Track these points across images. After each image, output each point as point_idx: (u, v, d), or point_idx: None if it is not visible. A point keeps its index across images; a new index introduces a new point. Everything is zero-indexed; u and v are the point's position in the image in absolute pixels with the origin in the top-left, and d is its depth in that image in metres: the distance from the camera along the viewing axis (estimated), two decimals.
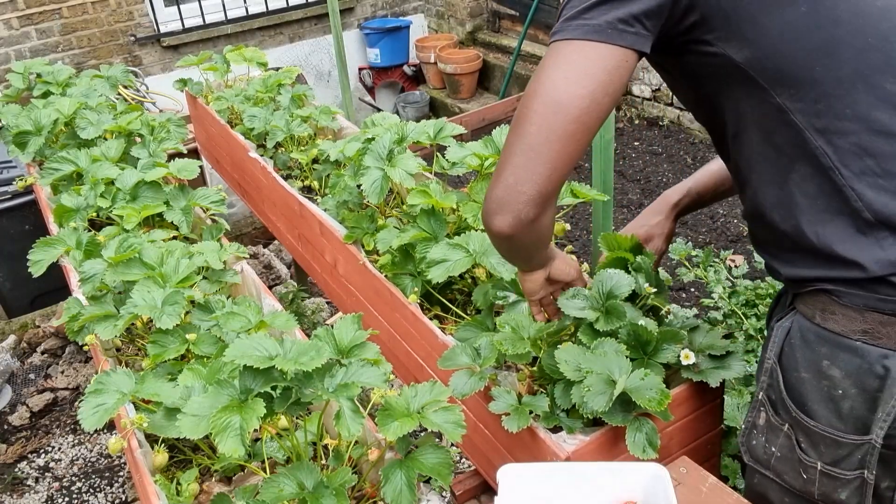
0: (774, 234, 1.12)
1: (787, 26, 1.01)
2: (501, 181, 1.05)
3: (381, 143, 1.87)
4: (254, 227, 4.43)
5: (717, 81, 1.09)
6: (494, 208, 1.07)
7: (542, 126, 1.02)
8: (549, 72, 1.03)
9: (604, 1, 1.01)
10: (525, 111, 1.04)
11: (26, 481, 2.88)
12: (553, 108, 1.01)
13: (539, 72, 1.05)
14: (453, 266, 1.57)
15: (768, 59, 1.02)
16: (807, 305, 1.12)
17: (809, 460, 1.13)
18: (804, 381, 1.12)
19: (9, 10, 4.83)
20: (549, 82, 1.02)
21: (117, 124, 2.44)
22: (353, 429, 1.15)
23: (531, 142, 1.02)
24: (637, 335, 1.41)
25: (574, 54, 1.02)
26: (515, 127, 1.05)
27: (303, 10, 5.83)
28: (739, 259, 3.16)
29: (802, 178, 1.05)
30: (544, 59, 1.05)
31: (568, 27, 1.03)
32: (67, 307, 1.72)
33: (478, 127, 4.84)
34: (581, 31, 1.01)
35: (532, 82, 1.05)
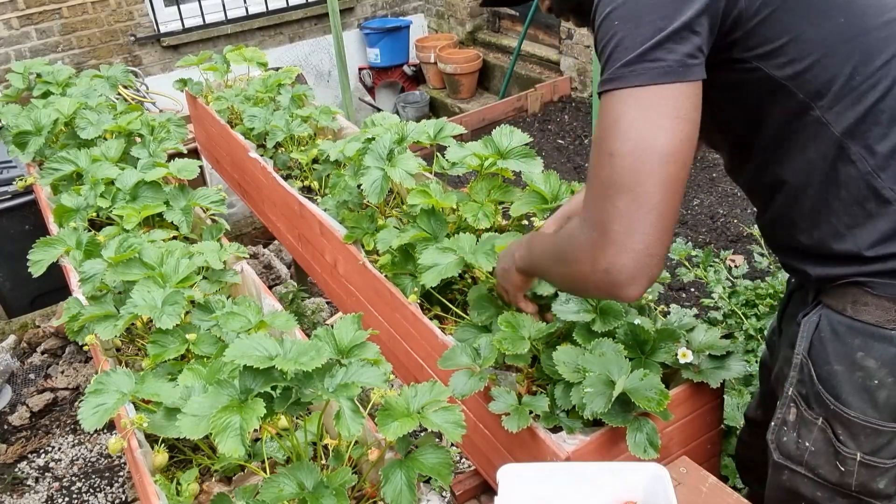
0: (807, 239, 1.13)
1: (827, 39, 1.01)
2: (629, 250, 0.98)
3: (381, 142, 1.87)
4: (254, 227, 4.43)
5: (752, 97, 1.08)
6: (626, 279, 0.99)
7: (659, 182, 0.96)
8: (639, 125, 0.96)
9: (666, 39, 0.96)
10: (632, 172, 0.96)
11: (26, 481, 2.88)
12: (664, 160, 0.96)
13: (618, 127, 0.97)
14: (444, 269, 1.59)
15: (810, 73, 1.02)
16: (835, 299, 1.13)
17: (848, 451, 1.14)
18: (837, 374, 1.13)
19: (9, 10, 4.83)
20: (647, 136, 0.96)
21: (117, 124, 2.44)
22: (353, 429, 1.15)
23: (652, 202, 0.96)
24: (634, 334, 1.42)
25: (658, 100, 0.96)
26: (623, 191, 0.97)
27: (303, 10, 5.83)
28: (739, 259, 3.17)
29: (840, 185, 1.06)
30: (613, 111, 0.98)
31: (633, 73, 0.96)
32: (67, 307, 1.72)
33: (478, 127, 4.85)
34: (652, 74, 0.96)
35: (616, 140, 0.97)
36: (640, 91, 0.96)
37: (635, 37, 0.96)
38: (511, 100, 5.15)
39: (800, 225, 1.13)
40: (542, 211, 1.71)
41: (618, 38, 0.98)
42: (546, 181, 1.72)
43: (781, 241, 1.22)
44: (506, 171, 1.81)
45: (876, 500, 1.16)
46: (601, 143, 1.00)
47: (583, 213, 1.05)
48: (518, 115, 5.12)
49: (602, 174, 0.99)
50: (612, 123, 0.98)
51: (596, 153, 1.02)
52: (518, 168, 1.76)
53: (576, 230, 1.07)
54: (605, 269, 1.00)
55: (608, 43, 0.99)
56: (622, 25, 0.98)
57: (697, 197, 3.95)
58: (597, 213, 1.00)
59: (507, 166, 1.78)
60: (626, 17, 0.98)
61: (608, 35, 0.99)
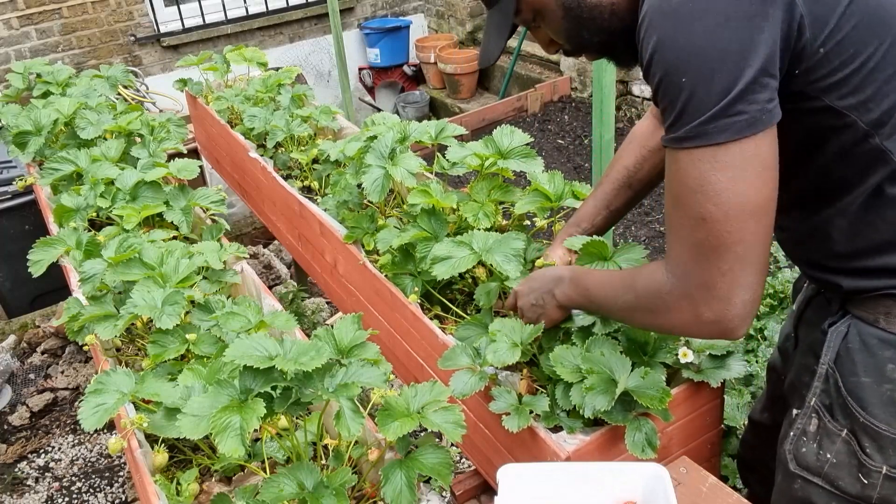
0: (843, 254, 1.13)
1: (892, 65, 0.99)
2: (737, 303, 1.01)
3: (383, 141, 1.87)
4: (254, 227, 4.43)
5: (809, 128, 1.06)
6: (737, 326, 1.03)
7: (756, 239, 0.98)
8: (729, 186, 0.95)
9: (745, 90, 0.92)
10: (730, 234, 0.97)
11: (26, 481, 2.88)
12: (758, 216, 0.97)
13: (706, 190, 0.97)
14: (458, 263, 1.55)
15: (872, 101, 1.00)
16: (866, 310, 1.12)
17: (874, 465, 1.12)
18: (864, 386, 1.11)
19: (9, 10, 4.83)
20: (740, 197, 0.96)
21: (117, 124, 2.44)
22: (353, 429, 1.14)
23: (753, 257, 0.99)
24: (634, 336, 1.41)
25: (745, 156, 0.94)
26: (723, 252, 0.99)
27: (303, 10, 5.83)
28: None
29: (886, 204, 1.06)
30: (696, 170, 0.97)
31: (714, 129, 0.94)
32: (67, 307, 1.72)
33: (478, 127, 4.84)
34: (735, 129, 0.93)
35: (708, 204, 0.97)
36: (724, 149, 0.94)
37: (710, 91, 0.93)
38: (511, 100, 5.15)
39: (837, 241, 1.12)
40: (544, 210, 1.71)
41: (688, 92, 0.94)
42: (551, 181, 1.72)
43: (810, 256, 1.21)
44: (506, 171, 1.81)
45: None
46: (687, 206, 1.00)
47: (676, 268, 1.06)
48: (518, 115, 5.12)
49: (697, 237, 1.00)
50: (698, 186, 0.97)
51: (683, 215, 1.01)
52: (518, 168, 1.76)
53: (665, 284, 1.08)
54: (713, 320, 1.03)
55: (677, 97, 0.95)
56: (693, 79, 0.94)
57: None
58: (697, 272, 1.02)
59: (507, 166, 1.78)
60: (696, 70, 0.93)
61: (675, 89, 0.95)
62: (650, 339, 1.42)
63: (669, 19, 0.95)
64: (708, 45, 0.92)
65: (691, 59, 0.93)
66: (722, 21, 0.92)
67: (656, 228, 3.74)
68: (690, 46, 0.93)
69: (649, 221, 3.81)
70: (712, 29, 0.92)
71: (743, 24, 0.92)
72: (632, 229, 3.75)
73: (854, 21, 0.96)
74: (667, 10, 0.95)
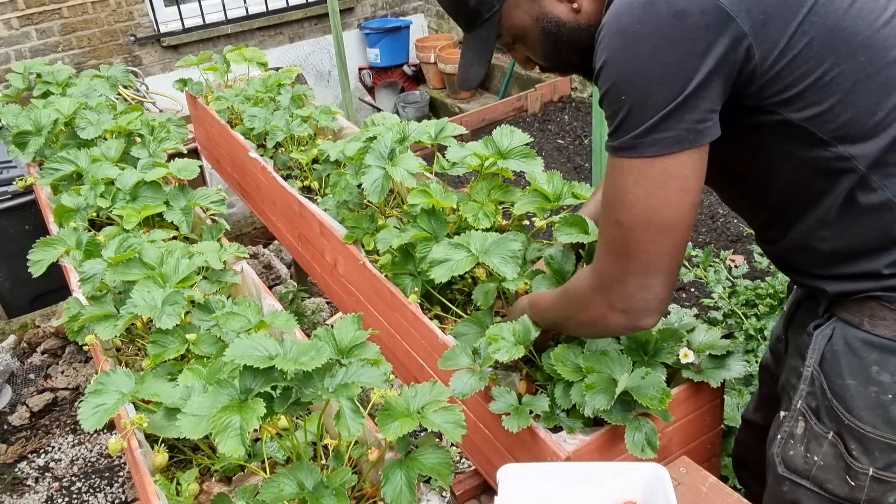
0: (825, 262, 1.14)
1: (848, 80, 1.00)
2: (642, 297, 1.09)
3: (382, 141, 1.87)
4: (254, 227, 4.43)
5: (769, 140, 1.08)
6: (645, 317, 1.12)
7: (664, 251, 1.06)
8: (646, 200, 1.02)
9: (677, 108, 0.98)
10: (639, 243, 1.06)
11: (26, 481, 2.88)
12: (668, 231, 1.04)
13: (625, 199, 1.04)
14: (456, 266, 1.56)
15: (830, 113, 1.02)
16: (851, 313, 1.13)
17: (860, 466, 1.12)
18: (849, 388, 1.12)
19: (9, 10, 4.83)
20: (653, 212, 1.03)
21: (117, 124, 2.44)
22: (353, 429, 1.15)
23: (659, 266, 1.07)
24: (635, 336, 1.41)
25: (666, 173, 1.01)
26: (633, 257, 1.07)
27: (303, 10, 5.83)
28: (739, 259, 3.17)
29: (861, 212, 1.07)
30: (622, 179, 1.04)
31: (643, 144, 1.00)
32: (67, 307, 1.72)
33: (478, 127, 4.84)
34: (662, 144, 0.99)
35: (625, 212, 1.05)
36: (649, 164, 1.01)
37: (646, 108, 0.98)
38: (511, 100, 5.15)
39: (818, 249, 1.14)
40: (543, 210, 1.71)
41: (627, 107, 1.00)
42: (549, 181, 1.72)
43: (795, 265, 1.22)
44: (506, 171, 1.81)
45: None
46: (610, 208, 1.08)
47: (595, 265, 1.16)
48: (518, 115, 5.12)
49: (612, 238, 1.09)
50: (620, 193, 1.05)
51: (605, 214, 1.10)
52: (518, 168, 1.76)
53: (586, 280, 1.19)
54: (622, 310, 1.13)
55: (618, 111, 1.01)
56: (632, 95, 0.99)
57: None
58: (610, 269, 1.12)
59: (507, 166, 1.78)
60: (636, 87, 0.99)
61: (616, 103, 1.01)
62: (651, 338, 1.42)
63: (619, 38, 1.00)
64: (648, 67, 0.98)
65: (632, 78, 0.99)
66: (665, 45, 0.97)
67: None
68: (633, 66, 0.99)
69: None
70: (654, 52, 0.97)
71: (684, 50, 0.96)
72: None
73: (807, 39, 0.99)
74: (618, 28, 1.00)
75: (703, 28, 0.96)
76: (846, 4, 1.01)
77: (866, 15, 1.01)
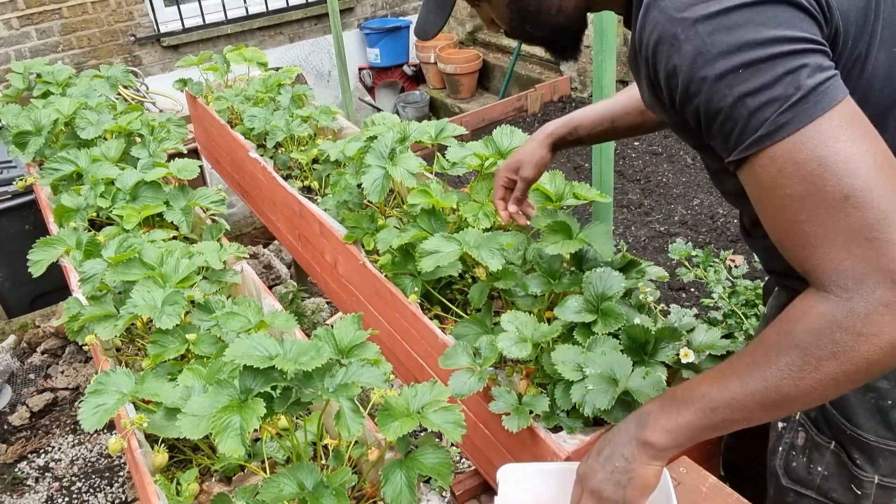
0: None
1: (881, 67, 0.94)
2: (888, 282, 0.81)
3: (383, 141, 1.87)
4: (254, 227, 4.43)
5: None
6: None
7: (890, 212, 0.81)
8: (852, 147, 0.82)
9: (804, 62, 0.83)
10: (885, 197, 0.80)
11: (26, 481, 2.88)
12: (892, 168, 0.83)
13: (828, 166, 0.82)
14: (443, 258, 1.56)
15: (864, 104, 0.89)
16: None
17: (865, 475, 1.11)
18: (847, 396, 1.10)
19: (9, 10, 4.83)
20: (868, 157, 0.82)
21: (117, 124, 2.44)
22: (353, 429, 1.14)
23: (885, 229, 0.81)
24: (635, 336, 1.41)
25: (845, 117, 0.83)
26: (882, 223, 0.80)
27: (303, 10, 5.83)
28: (739, 259, 3.16)
29: None
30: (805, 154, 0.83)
31: (805, 109, 0.82)
32: (67, 307, 1.72)
33: (478, 127, 4.85)
34: (828, 96, 0.83)
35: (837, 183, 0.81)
36: (826, 119, 0.82)
37: (776, 79, 0.83)
38: (511, 100, 5.15)
39: None
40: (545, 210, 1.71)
41: (752, 90, 0.84)
42: (552, 181, 1.72)
43: (780, 265, 1.16)
44: None
45: None
46: (817, 197, 0.83)
47: (839, 281, 0.84)
48: (518, 115, 5.12)
49: (849, 224, 0.82)
50: (819, 169, 0.82)
51: (815, 214, 0.84)
52: None
53: (837, 308, 0.84)
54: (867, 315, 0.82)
55: (741, 101, 0.85)
56: (749, 79, 0.84)
57: (697, 197, 3.95)
58: (872, 265, 0.81)
59: None
60: (753, 67, 0.84)
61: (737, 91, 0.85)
62: (651, 338, 1.42)
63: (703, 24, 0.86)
64: (754, 36, 0.84)
65: (745, 55, 0.84)
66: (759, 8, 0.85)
67: (656, 228, 3.74)
68: (738, 41, 0.84)
69: (649, 222, 3.81)
70: (753, 18, 0.84)
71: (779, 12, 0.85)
72: (632, 229, 3.75)
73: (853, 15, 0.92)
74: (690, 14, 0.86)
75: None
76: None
77: None
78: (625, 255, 1.64)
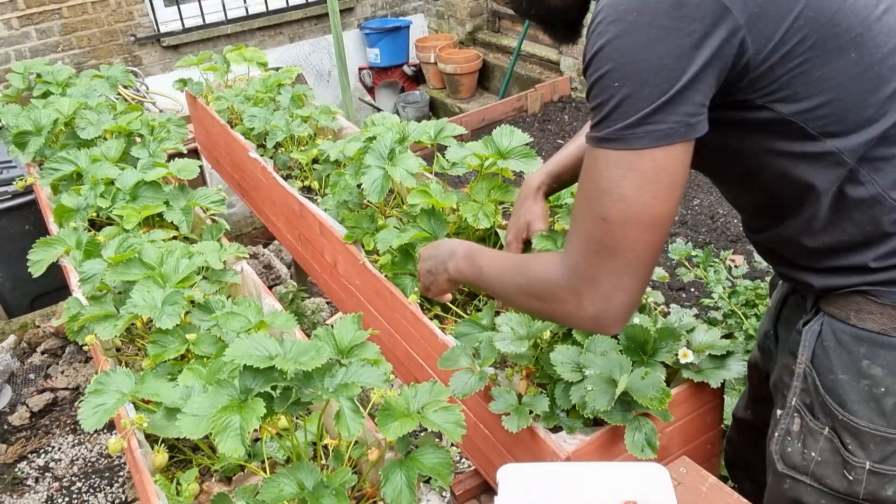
0: (813, 255, 1.14)
1: (838, 76, 1.00)
2: (616, 304, 1.05)
3: (382, 141, 1.87)
4: (254, 227, 4.43)
5: (757, 134, 1.07)
6: (612, 324, 1.08)
7: (648, 249, 1.02)
8: (636, 196, 0.98)
9: (669, 101, 0.95)
10: (624, 240, 1.01)
11: (26, 481, 2.88)
12: (655, 228, 1.01)
13: (613, 193, 0.99)
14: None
15: (820, 109, 1.01)
16: (838, 307, 1.13)
17: (857, 461, 1.13)
18: (842, 383, 1.12)
19: (9, 10, 4.83)
20: (643, 207, 0.99)
21: (117, 124, 2.44)
22: (353, 429, 1.15)
23: (640, 265, 1.03)
24: (634, 336, 1.41)
25: (656, 167, 0.97)
26: (616, 255, 1.02)
27: (303, 10, 5.83)
28: (739, 259, 3.16)
29: (850, 206, 1.06)
30: (609, 172, 0.99)
31: (633, 136, 0.96)
32: (67, 307, 1.72)
33: (478, 127, 4.85)
34: (654, 137, 0.96)
35: (612, 207, 1.00)
36: (638, 156, 0.97)
37: (639, 98, 0.96)
38: (511, 100, 5.15)
39: (806, 242, 1.13)
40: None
41: (619, 97, 0.97)
42: None
43: (782, 256, 1.21)
44: (506, 171, 1.81)
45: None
46: (594, 203, 1.02)
47: (569, 260, 1.07)
48: (518, 115, 5.12)
49: (594, 235, 1.03)
50: (607, 188, 1.00)
51: (587, 211, 1.04)
52: (518, 168, 1.76)
53: (557, 273, 1.10)
54: (593, 315, 1.07)
55: (608, 100, 0.98)
56: (624, 85, 0.96)
57: (697, 197, 3.95)
58: (587, 267, 1.05)
59: (507, 166, 1.78)
60: (629, 77, 0.96)
61: (608, 91, 0.98)
62: (650, 338, 1.42)
63: (615, 26, 0.97)
64: (644, 57, 0.95)
65: (627, 67, 0.96)
66: (662, 35, 0.95)
67: None
68: (629, 55, 0.96)
69: None
70: (650, 42, 0.95)
71: (680, 40, 0.95)
72: None
73: (801, 35, 0.98)
74: (615, 17, 0.97)
75: (699, 19, 0.94)
76: (840, 0, 1.00)
77: (859, 11, 1.01)
78: None
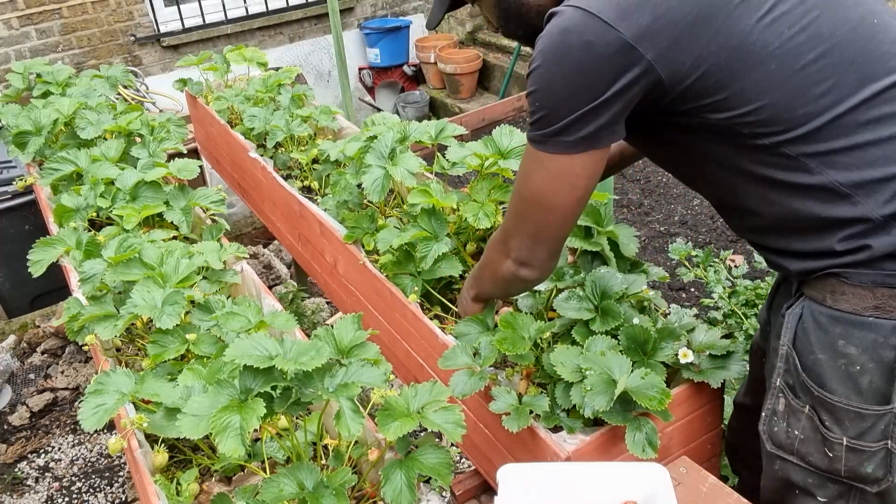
0: (783, 241, 1.20)
1: (761, 85, 1.09)
2: (535, 256, 1.32)
3: (383, 141, 1.87)
4: (254, 227, 4.43)
5: (697, 139, 1.18)
6: (532, 272, 1.34)
7: (544, 226, 1.27)
8: (543, 186, 1.22)
9: (578, 120, 1.13)
10: (532, 216, 1.27)
11: (26, 481, 2.88)
12: (550, 213, 1.24)
13: (528, 180, 1.24)
14: None
15: (749, 116, 1.10)
16: (815, 290, 1.18)
17: (834, 437, 1.17)
18: (821, 362, 1.17)
19: (9, 10, 4.83)
20: (547, 196, 1.22)
21: (117, 124, 2.44)
22: (353, 429, 1.15)
23: (541, 237, 1.29)
24: (634, 336, 1.41)
25: (563, 169, 1.19)
26: (525, 227, 1.29)
27: (303, 10, 5.83)
28: (739, 259, 3.16)
29: (803, 193, 1.13)
30: (529, 164, 1.23)
31: (550, 142, 1.17)
32: (67, 307, 1.72)
33: (478, 127, 4.84)
34: (563, 146, 1.16)
35: (525, 190, 1.25)
36: (550, 158, 1.18)
37: (554, 116, 1.15)
38: (511, 100, 5.14)
39: (774, 229, 1.20)
40: None
41: (541, 112, 1.16)
42: None
43: (762, 244, 1.28)
44: (506, 171, 1.81)
45: (866, 485, 1.19)
46: (518, 181, 1.27)
47: (504, 221, 1.35)
48: (518, 115, 5.12)
49: (514, 203, 1.30)
50: (525, 173, 1.24)
51: (515, 183, 1.29)
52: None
53: (495, 235, 1.40)
54: (520, 261, 1.34)
55: (535, 111, 1.17)
56: (545, 105, 1.15)
57: (697, 197, 3.95)
58: (510, 225, 1.33)
59: (507, 166, 1.78)
60: (548, 100, 1.15)
61: (534, 105, 1.17)
62: (650, 338, 1.42)
63: (541, 57, 1.14)
64: (559, 87, 1.13)
65: (546, 92, 1.15)
66: (574, 71, 1.12)
67: (656, 228, 3.75)
68: (548, 82, 1.14)
69: (649, 222, 3.81)
70: (565, 75, 1.12)
71: (590, 77, 1.11)
72: None
73: (713, 59, 1.08)
74: (541, 48, 1.14)
75: (607, 58, 1.09)
76: (753, 21, 1.08)
77: (776, 28, 1.08)
78: None
